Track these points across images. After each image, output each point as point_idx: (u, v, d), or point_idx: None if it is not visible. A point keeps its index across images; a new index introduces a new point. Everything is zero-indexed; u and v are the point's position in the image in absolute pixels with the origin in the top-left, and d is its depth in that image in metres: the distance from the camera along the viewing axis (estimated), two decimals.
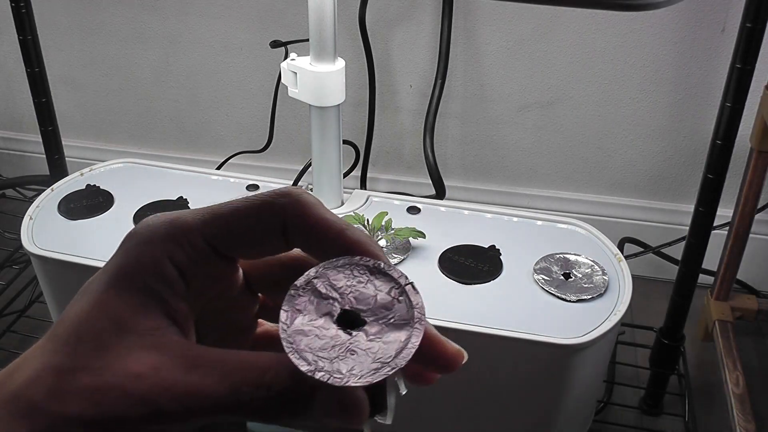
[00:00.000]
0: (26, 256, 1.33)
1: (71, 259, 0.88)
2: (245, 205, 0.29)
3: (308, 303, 0.27)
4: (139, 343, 0.27)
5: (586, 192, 1.44)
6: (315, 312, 0.27)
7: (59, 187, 1.02)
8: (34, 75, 1.27)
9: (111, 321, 0.27)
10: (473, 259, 0.89)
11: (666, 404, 1.17)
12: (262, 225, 0.29)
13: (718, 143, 0.96)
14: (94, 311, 0.27)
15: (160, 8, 1.43)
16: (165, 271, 0.28)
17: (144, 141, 1.60)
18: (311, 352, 0.25)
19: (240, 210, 0.29)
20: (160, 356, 0.26)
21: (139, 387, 0.26)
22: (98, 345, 0.26)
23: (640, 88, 1.31)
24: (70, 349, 0.27)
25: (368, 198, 1.01)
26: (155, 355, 0.26)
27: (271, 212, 0.29)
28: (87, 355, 0.26)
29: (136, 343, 0.27)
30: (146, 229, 0.29)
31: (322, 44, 0.87)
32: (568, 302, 0.84)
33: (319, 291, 0.27)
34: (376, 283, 0.27)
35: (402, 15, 1.33)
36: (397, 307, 0.27)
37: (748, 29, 0.89)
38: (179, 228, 0.28)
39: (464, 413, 0.87)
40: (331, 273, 0.27)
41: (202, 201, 0.99)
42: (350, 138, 1.29)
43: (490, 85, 1.36)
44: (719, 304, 1.26)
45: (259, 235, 0.29)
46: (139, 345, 0.26)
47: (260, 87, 1.46)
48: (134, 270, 0.28)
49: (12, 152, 1.69)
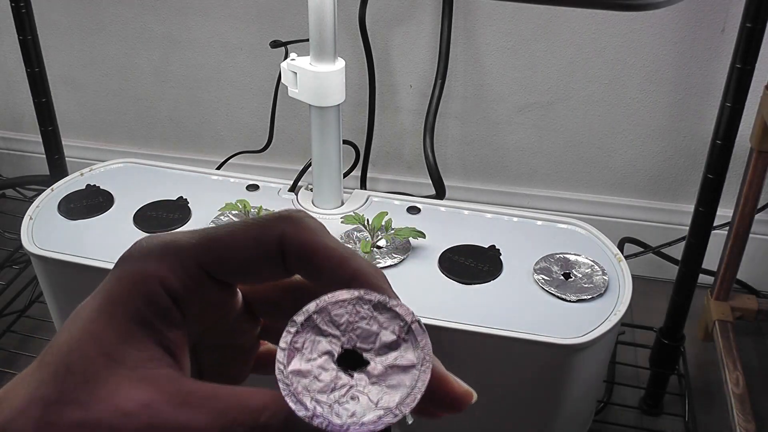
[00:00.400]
0: (26, 256, 1.33)
1: (71, 259, 0.88)
2: (242, 230, 0.27)
3: (307, 341, 0.25)
4: (130, 377, 0.25)
5: (586, 192, 1.44)
6: (314, 351, 0.25)
7: (59, 187, 1.02)
8: (34, 75, 1.27)
9: (101, 352, 0.26)
10: (473, 259, 0.89)
11: (666, 404, 1.17)
12: (260, 252, 0.27)
13: (718, 143, 0.96)
14: (84, 340, 0.26)
15: (160, 8, 1.43)
16: (158, 299, 0.27)
17: (144, 141, 1.60)
18: (309, 395, 0.24)
19: (237, 235, 0.27)
20: (151, 392, 0.25)
21: (127, 425, 0.25)
22: (87, 378, 0.25)
23: (640, 88, 1.31)
24: (59, 381, 0.25)
25: (368, 198, 1.01)
26: (145, 391, 0.25)
27: (270, 238, 0.27)
28: (76, 388, 0.25)
29: (126, 376, 0.25)
30: (139, 254, 0.27)
31: (322, 44, 0.87)
32: (568, 302, 0.84)
33: (319, 327, 0.25)
34: (380, 319, 0.26)
35: (402, 15, 1.33)
36: (402, 347, 0.25)
37: (748, 29, 0.89)
38: (173, 254, 0.27)
39: (464, 413, 0.87)
40: (332, 308, 0.25)
41: (202, 201, 0.99)
42: (350, 138, 1.29)
43: (490, 85, 1.36)
44: (719, 304, 1.26)
45: (257, 262, 0.28)
46: (129, 378, 0.25)
47: (260, 87, 1.46)
48: (126, 298, 0.27)
49: (12, 152, 1.69)
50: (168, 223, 0.95)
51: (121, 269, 0.27)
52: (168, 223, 0.94)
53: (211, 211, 0.96)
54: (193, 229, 0.28)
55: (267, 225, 0.27)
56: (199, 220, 0.96)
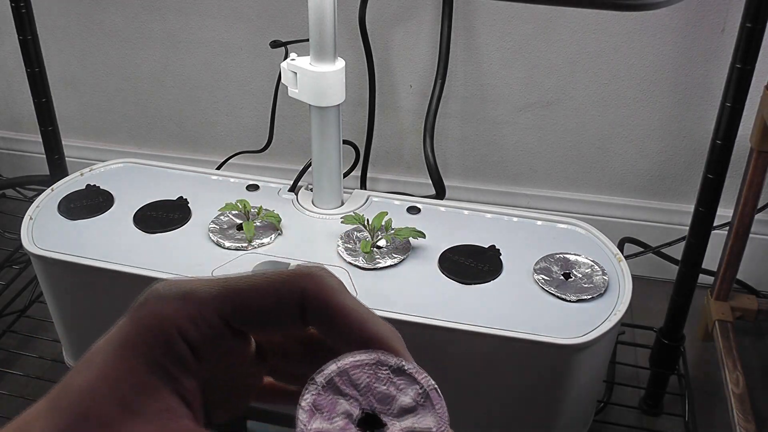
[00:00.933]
0: (26, 256, 1.33)
1: (71, 259, 0.88)
2: (264, 283, 0.28)
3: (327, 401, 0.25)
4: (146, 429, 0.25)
5: (586, 192, 1.44)
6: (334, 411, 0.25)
7: (59, 187, 1.02)
8: (34, 75, 1.27)
9: (118, 401, 0.26)
10: (473, 259, 0.89)
11: (666, 404, 1.17)
12: (280, 305, 0.28)
13: (718, 143, 0.96)
14: (100, 387, 0.26)
15: (160, 8, 1.43)
16: (177, 348, 0.27)
17: (144, 141, 1.60)
18: None
19: (259, 288, 0.28)
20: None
21: None
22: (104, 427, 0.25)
23: (640, 88, 1.31)
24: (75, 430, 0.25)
25: (368, 198, 1.01)
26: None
27: (291, 293, 0.27)
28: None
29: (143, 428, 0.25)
30: (157, 301, 0.27)
31: (322, 44, 0.87)
32: (568, 302, 0.84)
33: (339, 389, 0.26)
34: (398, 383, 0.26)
35: (402, 15, 1.33)
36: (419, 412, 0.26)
37: (748, 29, 0.89)
38: (193, 303, 0.27)
39: (464, 413, 0.87)
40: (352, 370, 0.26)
41: (202, 201, 0.99)
42: (350, 138, 1.29)
43: (490, 85, 1.36)
44: (719, 304, 1.26)
45: (277, 316, 0.28)
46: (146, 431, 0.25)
47: (260, 87, 1.46)
48: (143, 345, 0.26)
49: (12, 152, 1.69)
50: (168, 223, 0.95)
51: (138, 314, 0.27)
52: (168, 223, 0.94)
53: (211, 211, 0.96)
54: (211, 278, 0.28)
55: (288, 281, 0.28)
56: (199, 220, 0.96)
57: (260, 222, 0.94)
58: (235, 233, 0.93)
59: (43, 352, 1.24)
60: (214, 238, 0.92)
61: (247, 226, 0.92)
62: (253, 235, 0.92)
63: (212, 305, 0.27)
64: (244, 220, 0.94)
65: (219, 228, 0.94)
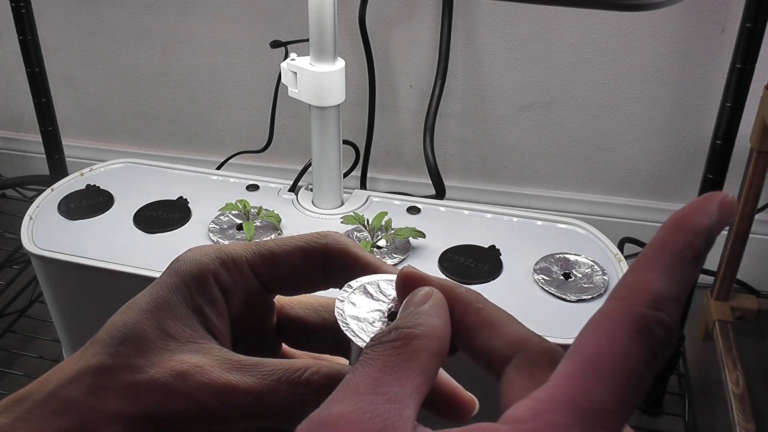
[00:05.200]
0: (26, 256, 1.33)
1: (71, 259, 0.88)
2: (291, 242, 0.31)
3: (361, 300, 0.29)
4: (182, 348, 0.28)
5: (586, 192, 1.44)
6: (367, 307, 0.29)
7: (59, 187, 1.02)
8: (34, 75, 1.27)
9: (155, 327, 0.28)
10: (473, 259, 0.89)
11: (666, 404, 1.17)
12: (305, 260, 0.31)
13: (718, 143, 0.96)
14: (139, 319, 0.29)
15: (160, 8, 1.43)
16: (211, 290, 0.30)
17: (144, 141, 1.60)
18: (365, 333, 0.28)
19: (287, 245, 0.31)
20: (203, 358, 0.28)
21: (181, 384, 0.27)
22: (142, 346, 0.28)
23: (640, 88, 1.31)
24: (112, 350, 0.28)
25: (368, 198, 1.01)
26: (198, 357, 0.28)
27: (314, 249, 0.31)
28: (129, 355, 0.28)
29: (179, 348, 0.28)
30: (196, 252, 0.31)
31: (322, 44, 0.87)
32: (568, 302, 0.84)
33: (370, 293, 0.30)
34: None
35: (402, 15, 1.33)
36: None
37: (748, 29, 0.89)
38: (228, 254, 0.30)
39: None
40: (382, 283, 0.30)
41: (202, 201, 0.99)
42: (350, 138, 1.28)
43: (490, 85, 1.36)
44: (719, 304, 1.26)
45: (303, 272, 0.31)
46: (181, 350, 0.28)
47: (260, 87, 1.46)
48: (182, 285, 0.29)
49: (12, 152, 1.69)
50: (168, 223, 0.95)
51: (176, 263, 0.30)
52: (168, 223, 0.94)
53: (211, 211, 0.96)
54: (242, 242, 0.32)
55: (311, 239, 0.31)
56: (199, 220, 0.96)
57: (260, 222, 0.94)
58: (235, 233, 0.93)
59: (43, 352, 1.24)
60: (214, 238, 0.92)
61: (247, 226, 0.92)
62: (253, 235, 0.92)
63: (245, 258, 0.31)
64: (244, 220, 0.94)
65: (219, 228, 0.94)
